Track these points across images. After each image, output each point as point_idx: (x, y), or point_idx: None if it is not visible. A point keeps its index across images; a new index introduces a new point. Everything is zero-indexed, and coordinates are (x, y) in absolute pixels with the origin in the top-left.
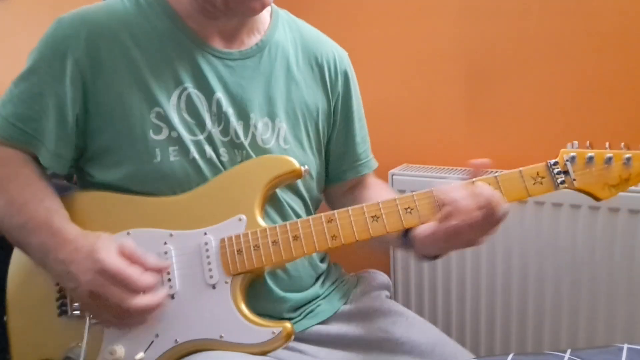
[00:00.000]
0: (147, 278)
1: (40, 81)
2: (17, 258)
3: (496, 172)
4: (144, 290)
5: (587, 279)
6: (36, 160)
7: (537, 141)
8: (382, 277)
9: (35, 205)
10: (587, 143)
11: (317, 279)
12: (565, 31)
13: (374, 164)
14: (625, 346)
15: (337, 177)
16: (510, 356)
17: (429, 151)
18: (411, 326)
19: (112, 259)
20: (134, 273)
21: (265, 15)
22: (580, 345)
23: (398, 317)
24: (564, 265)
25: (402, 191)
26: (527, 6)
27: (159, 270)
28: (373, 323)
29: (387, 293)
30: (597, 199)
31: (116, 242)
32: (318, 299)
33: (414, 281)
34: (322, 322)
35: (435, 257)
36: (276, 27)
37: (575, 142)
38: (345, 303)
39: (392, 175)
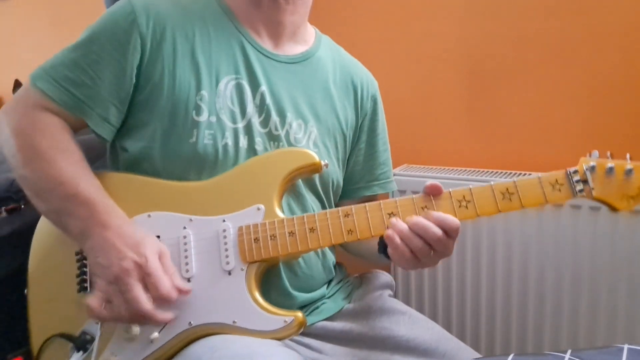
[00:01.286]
0: (171, 291)
1: (101, 49)
2: (41, 234)
3: (498, 172)
4: (163, 299)
5: (588, 279)
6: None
7: (537, 142)
8: (385, 276)
9: (87, 180)
10: (608, 153)
11: (326, 282)
12: (567, 32)
13: (392, 186)
14: (626, 347)
15: (350, 193)
16: (511, 356)
17: (430, 151)
18: (414, 324)
19: (154, 258)
20: (165, 280)
21: (310, 34)
22: (581, 345)
23: (401, 315)
24: (564, 265)
25: (402, 192)
26: (530, 7)
27: (181, 291)
28: (377, 321)
29: (390, 292)
30: (614, 209)
31: (160, 247)
32: (323, 298)
33: (415, 281)
34: (327, 319)
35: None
36: (319, 45)
37: (596, 152)
38: (349, 302)
39: (393, 176)
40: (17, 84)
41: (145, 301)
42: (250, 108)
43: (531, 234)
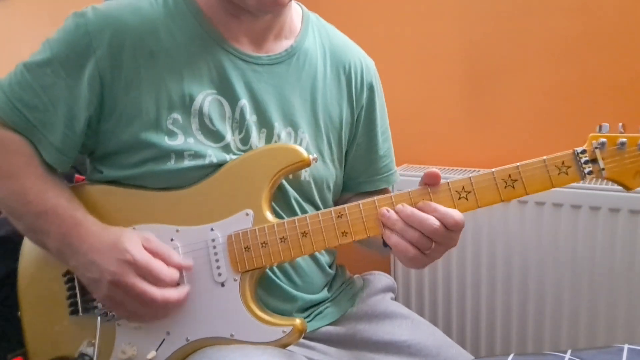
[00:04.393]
0: (171, 272)
1: (55, 74)
2: (26, 254)
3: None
4: (168, 283)
5: (588, 279)
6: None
7: (537, 142)
8: (387, 279)
9: (56, 194)
10: (620, 125)
11: (326, 283)
12: (565, 31)
13: (395, 178)
14: (626, 347)
15: (352, 188)
16: (511, 357)
17: (430, 151)
18: (416, 329)
19: (138, 249)
20: (160, 265)
21: (296, 19)
22: (581, 345)
23: (403, 319)
24: (564, 265)
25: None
26: (528, 6)
27: (181, 268)
28: (379, 325)
29: (392, 295)
30: (627, 188)
31: (140, 235)
32: (326, 302)
33: (415, 281)
34: (331, 324)
35: None
36: (306, 33)
37: (606, 125)
38: (352, 305)
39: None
40: None
41: (154, 290)
42: (229, 126)
43: (531, 234)
